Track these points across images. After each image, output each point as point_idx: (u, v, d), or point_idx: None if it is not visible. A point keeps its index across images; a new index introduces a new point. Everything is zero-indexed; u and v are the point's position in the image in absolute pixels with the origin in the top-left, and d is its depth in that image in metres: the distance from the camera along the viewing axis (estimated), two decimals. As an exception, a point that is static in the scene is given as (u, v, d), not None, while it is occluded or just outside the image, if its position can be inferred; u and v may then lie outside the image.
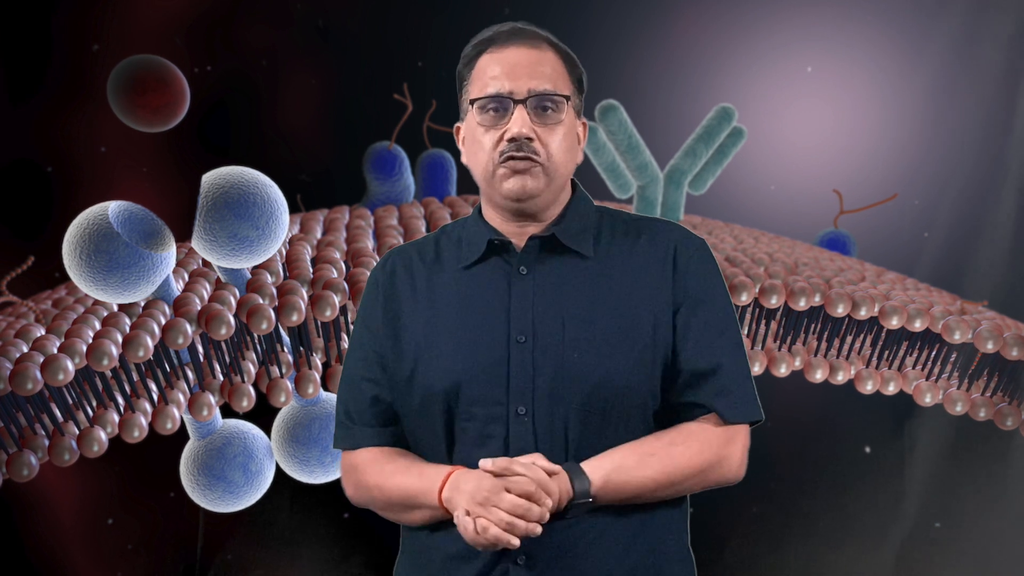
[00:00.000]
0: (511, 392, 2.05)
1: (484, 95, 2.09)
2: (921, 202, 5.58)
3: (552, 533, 2.01)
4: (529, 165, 2.07)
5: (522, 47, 2.10)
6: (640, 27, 5.54)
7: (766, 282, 3.72)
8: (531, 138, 2.07)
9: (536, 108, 2.08)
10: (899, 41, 5.60)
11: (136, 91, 3.94)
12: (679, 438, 2.07)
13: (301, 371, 3.51)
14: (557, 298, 2.08)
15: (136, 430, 3.34)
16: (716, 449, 2.08)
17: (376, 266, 2.22)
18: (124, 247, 3.27)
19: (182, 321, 3.31)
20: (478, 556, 2.04)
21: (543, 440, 2.04)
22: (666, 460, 2.05)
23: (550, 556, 2.03)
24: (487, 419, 2.05)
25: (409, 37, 5.48)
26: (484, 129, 2.09)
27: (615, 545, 2.05)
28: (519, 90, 2.07)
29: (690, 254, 2.12)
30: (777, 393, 4.78)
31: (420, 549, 2.13)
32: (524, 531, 1.95)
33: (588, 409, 2.04)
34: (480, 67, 2.11)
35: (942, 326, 3.75)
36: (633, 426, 2.07)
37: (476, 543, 1.98)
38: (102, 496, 5.17)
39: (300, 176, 5.35)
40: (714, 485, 2.11)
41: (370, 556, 5.29)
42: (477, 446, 2.05)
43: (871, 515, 5.51)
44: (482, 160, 2.11)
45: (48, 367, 3.15)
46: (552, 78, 2.09)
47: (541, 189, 2.09)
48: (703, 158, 4.57)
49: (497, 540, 1.95)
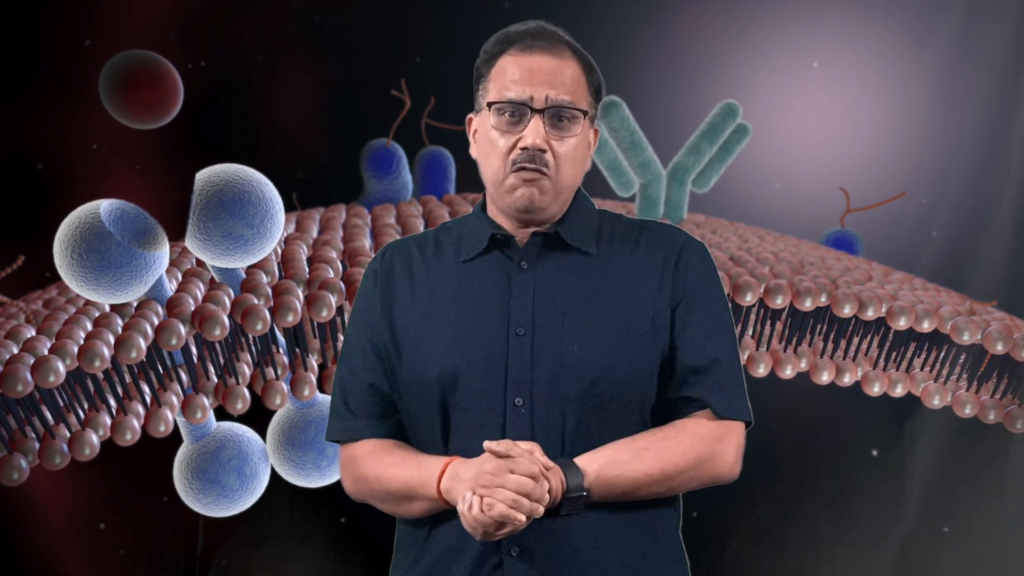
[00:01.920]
0: (509, 384, 2.08)
1: (503, 99, 2.12)
2: (929, 200, 5.57)
3: (546, 524, 2.05)
4: (539, 178, 2.11)
5: (545, 54, 2.12)
6: (643, 22, 5.54)
7: (771, 282, 3.72)
8: (544, 149, 2.10)
9: (552, 118, 2.11)
10: (908, 36, 5.60)
11: (129, 87, 3.94)
12: (672, 432, 2.10)
13: (297, 373, 3.51)
14: (557, 292, 2.12)
15: (128, 433, 3.35)
16: (709, 443, 2.11)
17: (374, 258, 2.25)
18: (116, 246, 3.28)
19: (175, 322, 3.31)
20: (472, 549, 2.07)
21: (540, 432, 2.07)
22: (659, 454, 2.08)
23: (544, 547, 2.07)
24: (484, 410, 2.09)
25: (407, 32, 5.48)
26: (499, 133, 2.12)
27: (608, 538, 2.09)
28: (538, 98, 2.10)
29: (690, 255, 2.17)
30: (782, 395, 4.80)
31: (415, 544, 2.16)
32: (529, 509, 1.98)
33: (586, 402, 2.08)
34: (500, 67, 2.14)
35: (951, 327, 3.75)
36: (630, 421, 2.10)
37: (479, 524, 2.00)
38: (94, 500, 5.17)
39: (296, 174, 5.34)
40: (709, 482, 2.13)
41: (370, 558, 5.30)
42: (473, 437, 2.07)
43: (871, 515, 5.52)
44: (493, 164, 2.14)
45: (39, 369, 3.15)
46: (571, 89, 2.13)
47: (548, 203, 2.13)
48: (707, 155, 4.57)
49: (504, 517, 1.97)
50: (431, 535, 2.13)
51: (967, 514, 5.49)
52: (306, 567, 5.35)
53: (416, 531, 2.15)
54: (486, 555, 2.07)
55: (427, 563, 2.13)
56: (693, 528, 2.22)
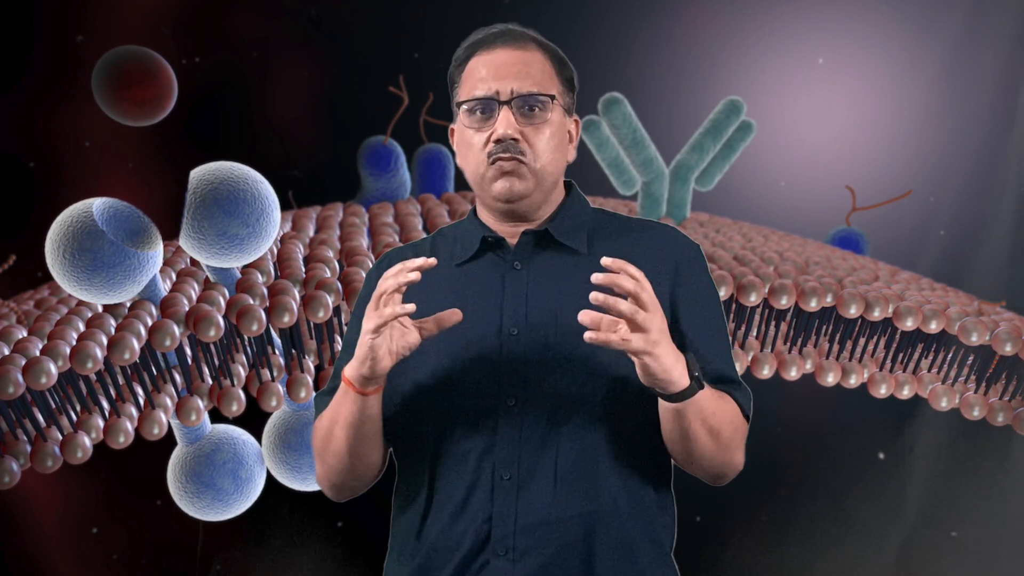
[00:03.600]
0: (502, 384, 2.12)
1: (470, 97, 2.19)
2: (937, 199, 5.58)
3: (535, 527, 2.09)
4: (516, 166, 2.17)
5: (508, 48, 2.20)
6: (645, 17, 5.54)
7: (776, 282, 3.72)
8: (516, 139, 2.17)
9: (522, 108, 2.18)
10: (915, 30, 5.60)
11: (122, 84, 3.94)
12: (728, 400, 2.16)
13: (293, 374, 3.51)
14: (550, 291, 2.16)
15: (121, 435, 3.35)
16: (742, 426, 2.18)
17: (373, 266, 2.31)
18: (109, 245, 3.28)
19: (169, 322, 3.31)
20: (460, 548, 2.12)
21: (533, 432, 2.11)
22: (723, 406, 2.14)
23: (530, 548, 2.10)
24: (478, 410, 2.13)
25: (405, 27, 5.49)
26: (472, 131, 2.20)
27: (596, 542, 2.12)
28: (504, 91, 2.18)
29: (688, 258, 2.22)
30: (787, 397, 4.80)
31: (406, 541, 2.20)
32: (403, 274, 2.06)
33: (578, 401, 2.12)
34: (468, 70, 2.22)
35: (958, 328, 3.75)
36: (624, 419, 2.14)
37: (381, 318, 2.05)
38: (86, 504, 5.17)
39: (292, 172, 5.35)
40: (725, 459, 2.15)
41: (369, 561, 5.31)
42: (466, 438, 2.13)
43: (871, 515, 5.54)
44: (472, 162, 2.21)
45: (30, 370, 3.15)
46: (538, 78, 2.19)
47: (530, 190, 2.19)
48: (710, 153, 4.57)
49: (393, 284, 2.05)
50: (421, 534, 2.17)
51: (968, 514, 5.51)
52: (305, 570, 5.36)
53: (407, 530, 2.20)
54: (473, 555, 2.11)
55: (417, 562, 2.17)
56: (695, 530, 2.23)
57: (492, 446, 2.12)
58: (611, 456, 2.13)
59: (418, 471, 2.18)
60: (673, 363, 2.02)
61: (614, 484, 2.13)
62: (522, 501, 2.10)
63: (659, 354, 2.00)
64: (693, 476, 2.23)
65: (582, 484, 2.11)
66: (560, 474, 2.11)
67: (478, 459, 2.12)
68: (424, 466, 2.17)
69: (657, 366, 2.01)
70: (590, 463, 2.12)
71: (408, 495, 2.20)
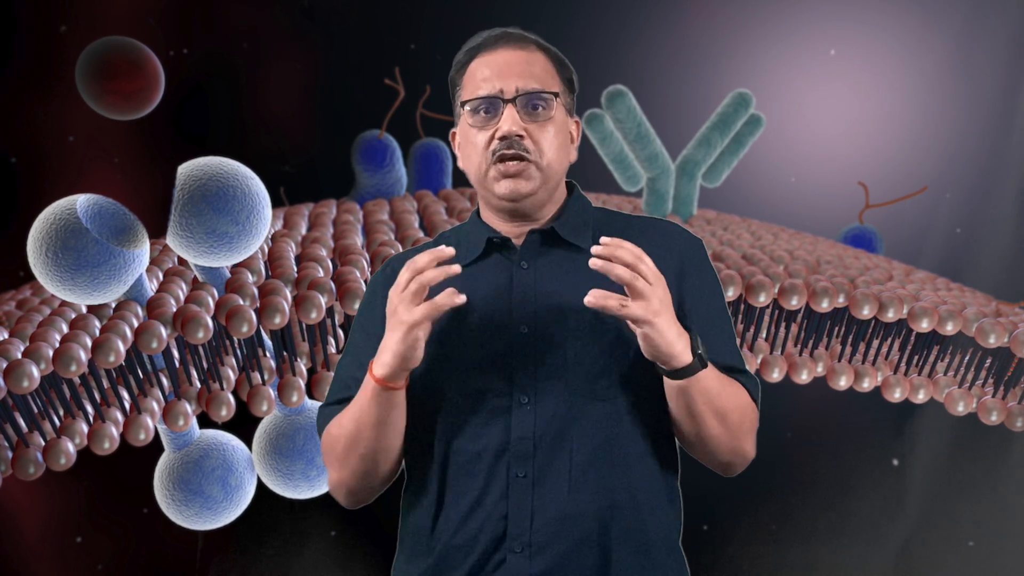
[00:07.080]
0: (514, 383, 2.19)
1: (475, 96, 2.26)
2: (953, 195, 5.58)
3: (552, 523, 2.16)
4: (522, 167, 2.24)
5: (510, 49, 2.29)
6: (650, 7, 5.54)
7: (786, 282, 3.72)
8: (521, 136, 2.24)
9: (526, 106, 2.25)
10: (931, 19, 5.60)
11: (107, 76, 3.95)
12: (736, 384, 2.23)
13: (284, 378, 3.51)
14: (559, 289, 2.22)
15: (107, 441, 3.35)
16: (752, 412, 2.25)
17: (377, 271, 2.37)
18: (94, 244, 3.28)
19: (156, 324, 3.31)
20: (476, 545, 2.18)
21: (546, 429, 2.18)
22: (729, 390, 2.21)
23: (547, 544, 2.16)
24: (490, 410, 2.20)
25: (400, 18, 5.49)
26: (476, 130, 2.26)
27: (611, 539, 2.18)
28: (508, 89, 2.25)
29: (691, 253, 2.29)
30: (797, 401, 4.80)
31: (418, 541, 2.25)
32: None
33: (590, 398, 2.19)
34: (471, 71, 2.29)
35: (976, 329, 3.75)
36: (635, 415, 2.21)
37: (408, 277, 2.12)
38: (70, 512, 5.17)
39: (283, 167, 5.35)
40: (734, 444, 2.21)
41: (369, 562, 5.32)
42: (478, 437, 2.20)
43: (871, 515, 5.56)
44: (475, 161, 2.27)
45: (11, 373, 3.15)
46: (541, 77, 2.27)
47: (535, 188, 2.25)
48: (718, 148, 4.57)
49: (439, 276, 2.11)
50: (434, 533, 2.22)
51: (969, 515, 5.53)
52: (308, 568, 5.38)
53: (419, 529, 2.24)
54: (490, 552, 2.17)
55: (431, 561, 2.22)
56: (696, 532, 2.28)
57: (506, 445, 2.18)
58: (624, 450, 2.20)
59: (429, 471, 2.23)
60: (675, 337, 2.11)
61: (629, 478, 2.19)
62: (538, 498, 2.17)
63: (660, 325, 2.09)
64: (698, 481, 2.25)
65: (597, 479, 2.18)
66: (575, 470, 2.18)
67: (492, 458, 2.18)
68: (436, 466, 2.22)
69: (659, 337, 2.09)
70: (604, 458, 2.19)
71: (419, 494, 2.25)
